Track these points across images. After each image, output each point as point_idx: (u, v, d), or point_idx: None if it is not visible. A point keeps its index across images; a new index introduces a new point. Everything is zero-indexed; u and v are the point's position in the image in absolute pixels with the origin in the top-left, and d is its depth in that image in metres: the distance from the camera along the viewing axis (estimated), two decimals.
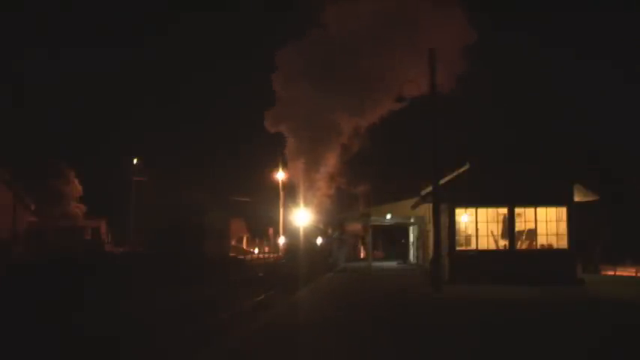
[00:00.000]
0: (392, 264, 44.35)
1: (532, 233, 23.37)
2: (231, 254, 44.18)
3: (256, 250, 63.61)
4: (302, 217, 31.02)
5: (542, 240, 23.26)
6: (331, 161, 30.93)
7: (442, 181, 21.31)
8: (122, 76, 78.57)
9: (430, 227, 26.34)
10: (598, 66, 63.20)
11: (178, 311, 14.94)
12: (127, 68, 76.96)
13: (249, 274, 29.96)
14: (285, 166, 33.13)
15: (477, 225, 23.41)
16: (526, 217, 23.60)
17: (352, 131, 30.10)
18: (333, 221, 40.36)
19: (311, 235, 32.64)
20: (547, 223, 23.13)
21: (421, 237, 37.87)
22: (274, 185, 45.99)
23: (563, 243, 22.81)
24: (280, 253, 42.50)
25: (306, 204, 32.03)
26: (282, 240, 38.98)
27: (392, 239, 61.23)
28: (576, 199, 23.35)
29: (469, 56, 25.01)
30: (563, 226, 22.88)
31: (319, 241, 35.48)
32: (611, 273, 29.11)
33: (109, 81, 77.36)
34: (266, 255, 56.23)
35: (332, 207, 35.29)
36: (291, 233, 33.88)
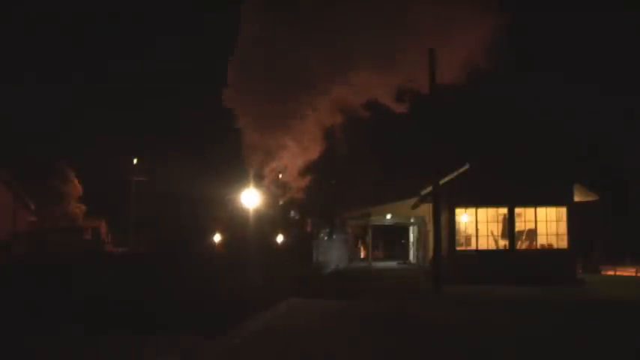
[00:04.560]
0: (392, 264, 44.35)
1: (532, 233, 23.39)
2: None
3: None
4: (251, 200, 20.35)
5: (542, 240, 23.28)
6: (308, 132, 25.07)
7: (442, 181, 21.31)
8: (120, 76, 78.46)
9: (430, 227, 26.33)
10: (597, 65, 63.27)
11: None
12: (125, 68, 76.75)
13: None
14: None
15: (477, 225, 23.43)
16: (526, 217, 23.62)
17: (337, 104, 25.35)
18: (319, 213, 31.54)
19: (268, 229, 23.74)
20: (547, 223, 23.16)
21: (421, 237, 37.87)
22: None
23: (563, 243, 22.85)
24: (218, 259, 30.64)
25: (263, 183, 23.47)
26: (217, 238, 27.51)
27: (392, 239, 61.25)
28: (576, 199, 23.37)
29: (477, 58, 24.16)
30: (563, 226, 22.91)
31: (280, 238, 25.78)
32: (611, 273, 29.12)
33: (107, 79, 77.26)
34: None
35: (316, 194, 28.25)
36: (233, 226, 24.40)
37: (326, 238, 35.49)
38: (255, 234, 20.75)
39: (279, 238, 25.66)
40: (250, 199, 20.51)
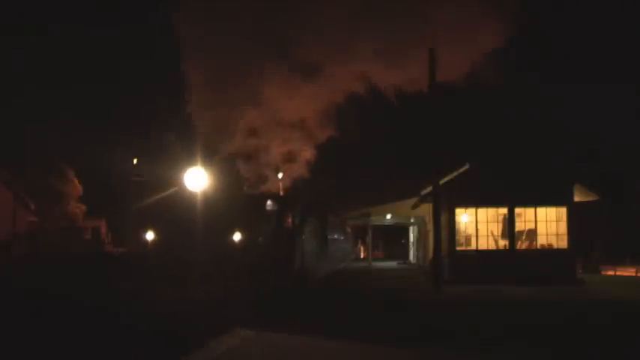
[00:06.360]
0: (392, 264, 44.38)
1: (532, 233, 23.40)
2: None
3: None
4: (198, 184, 14.85)
5: (542, 240, 23.28)
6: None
7: (442, 181, 21.31)
8: (119, 75, 78.32)
9: (430, 227, 26.34)
10: (597, 64, 63.22)
11: None
12: (124, 67, 76.68)
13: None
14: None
15: (477, 225, 23.43)
16: (526, 217, 23.62)
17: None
18: (307, 206, 25.71)
19: (224, 224, 18.72)
20: (547, 223, 23.16)
21: (421, 237, 37.89)
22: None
23: (563, 243, 22.85)
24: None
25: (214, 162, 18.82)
26: (149, 236, 22.50)
27: (392, 239, 61.30)
28: (576, 199, 23.38)
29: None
30: (563, 226, 22.91)
31: (238, 236, 20.75)
32: (611, 273, 29.13)
33: (106, 79, 77.17)
34: None
35: (306, 184, 24.38)
36: (171, 221, 19.28)
37: (317, 237, 29.38)
38: (204, 230, 15.62)
39: (237, 236, 20.42)
40: (196, 181, 14.76)
